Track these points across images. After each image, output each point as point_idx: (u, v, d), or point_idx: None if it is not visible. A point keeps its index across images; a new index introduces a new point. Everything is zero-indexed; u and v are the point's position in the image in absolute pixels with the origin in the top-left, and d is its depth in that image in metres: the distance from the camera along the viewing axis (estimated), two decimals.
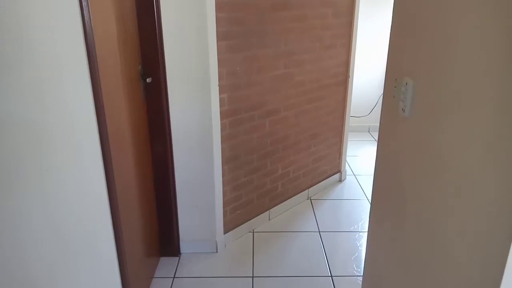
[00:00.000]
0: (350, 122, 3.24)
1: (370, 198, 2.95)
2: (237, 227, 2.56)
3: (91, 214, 1.39)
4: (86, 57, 1.24)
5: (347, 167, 3.55)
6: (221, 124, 2.22)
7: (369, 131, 4.56)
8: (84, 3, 1.17)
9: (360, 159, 3.82)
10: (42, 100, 1.16)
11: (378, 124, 1.42)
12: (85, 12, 1.19)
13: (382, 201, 1.37)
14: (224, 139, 2.27)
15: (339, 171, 3.33)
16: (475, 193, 0.80)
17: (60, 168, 1.25)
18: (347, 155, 3.41)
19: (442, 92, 0.92)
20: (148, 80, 1.96)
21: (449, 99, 0.89)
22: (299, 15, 2.47)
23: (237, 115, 2.32)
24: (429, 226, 0.99)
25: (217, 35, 2.03)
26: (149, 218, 2.13)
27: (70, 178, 1.29)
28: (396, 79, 1.19)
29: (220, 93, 2.15)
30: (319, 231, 2.64)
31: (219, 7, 2.00)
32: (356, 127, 4.43)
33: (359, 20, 2.95)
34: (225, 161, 2.33)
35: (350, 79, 3.04)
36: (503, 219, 0.70)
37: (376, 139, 3.26)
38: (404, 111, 1.12)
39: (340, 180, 3.35)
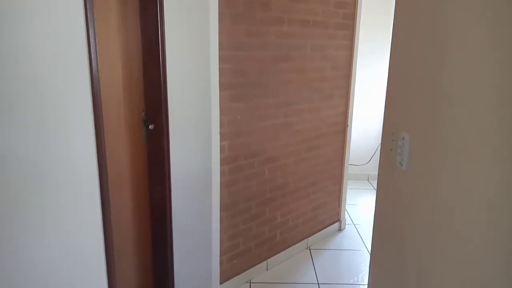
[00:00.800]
0: (349, 170, 3.25)
1: (370, 248, 2.89)
2: (234, 277, 2.48)
3: (86, 256, 1.38)
4: (91, 103, 1.28)
5: (346, 216, 3.51)
6: (221, 170, 2.23)
7: (368, 180, 4.56)
8: (93, 56, 1.22)
9: (360, 207, 3.78)
10: (45, 142, 1.18)
11: (377, 173, 1.43)
12: (93, 61, 1.25)
13: (382, 255, 1.35)
14: (223, 185, 2.27)
15: (338, 220, 3.28)
16: (476, 248, 0.79)
17: (59, 208, 1.25)
18: (346, 203, 3.39)
19: (439, 147, 0.94)
20: (151, 126, 2.00)
21: (446, 154, 0.91)
22: (299, 68, 2.57)
23: (237, 161, 2.34)
24: (431, 283, 0.97)
25: (220, 85, 2.10)
26: (144, 265, 2.08)
27: (68, 219, 1.29)
28: (393, 133, 1.22)
29: (221, 140, 2.18)
30: (318, 283, 2.56)
31: (223, 59, 2.09)
32: (355, 175, 4.44)
33: (357, 71, 3.06)
34: (223, 207, 2.31)
35: (348, 128, 3.09)
36: (508, 273, 0.69)
37: (375, 187, 3.25)
38: (401, 165, 1.13)
39: (340, 229, 3.30)
